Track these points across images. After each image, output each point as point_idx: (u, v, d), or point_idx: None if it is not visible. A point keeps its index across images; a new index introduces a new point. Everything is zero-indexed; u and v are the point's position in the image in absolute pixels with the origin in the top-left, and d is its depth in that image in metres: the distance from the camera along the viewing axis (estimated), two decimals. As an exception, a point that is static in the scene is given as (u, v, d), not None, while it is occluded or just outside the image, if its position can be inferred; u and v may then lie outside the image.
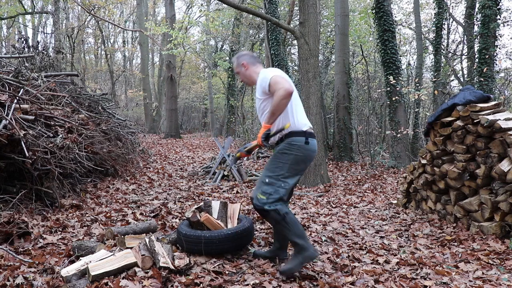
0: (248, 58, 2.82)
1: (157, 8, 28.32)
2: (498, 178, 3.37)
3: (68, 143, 4.54)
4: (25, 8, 16.82)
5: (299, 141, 2.54)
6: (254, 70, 2.78)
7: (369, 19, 15.28)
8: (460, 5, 16.92)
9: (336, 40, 10.15)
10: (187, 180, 6.78)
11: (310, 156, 2.60)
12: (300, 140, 2.54)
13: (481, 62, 8.55)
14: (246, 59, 2.81)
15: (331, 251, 3.17)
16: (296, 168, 2.56)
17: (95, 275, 2.38)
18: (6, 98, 3.98)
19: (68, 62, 14.38)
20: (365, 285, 2.50)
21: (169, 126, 18.36)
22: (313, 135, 2.62)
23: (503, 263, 2.86)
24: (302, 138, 2.55)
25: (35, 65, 6.73)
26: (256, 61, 2.82)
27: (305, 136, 2.56)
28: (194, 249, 2.82)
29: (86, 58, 24.24)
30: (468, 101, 3.73)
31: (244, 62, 2.80)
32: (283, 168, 2.53)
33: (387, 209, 4.74)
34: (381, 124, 12.01)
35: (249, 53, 2.89)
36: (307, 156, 2.57)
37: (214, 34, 18.28)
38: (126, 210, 4.39)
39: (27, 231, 3.18)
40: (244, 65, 2.80)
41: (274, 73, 2.53)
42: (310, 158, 2.61)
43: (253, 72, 2.78)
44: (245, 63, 2.80)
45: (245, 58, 2.82)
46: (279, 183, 2.51)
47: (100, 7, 15.27)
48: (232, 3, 6.83)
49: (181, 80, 25.59)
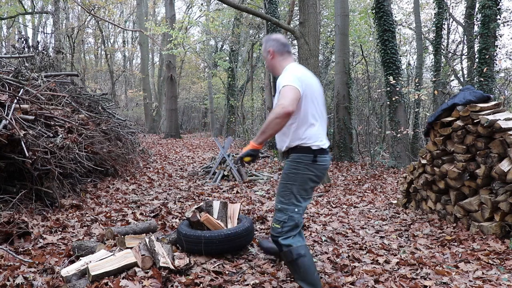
0: (277, 45, 2.39)
1: (157, 8, 28.32)
2: (498, 178, 3.37)
3: (68, 143, 4.54)
4: (25, 8, 16.82)
5: (306, 159, 2.23)
6: (280, 63, 2.38)
7: (369, 19, 15.28)
8: (460, 5, 16.93)
9: (336, 40, 10.15)
10: (187, 180, 6.78)
11: (320, 175, 2.29)
12: (307, 158, 2.23)
13: (481, 62, 8.55)
14: (274, 46, 2.38)
15: (331, 251, 3.17)
16: (306, 188, 2.26)
17: (95, 275, 2.39)
18: (6, 98, 3.98)
19: (68, 62, 14.38)
20: (365, 285, 2.50)
21: (169, 126, 18.36)
22: (325, 151, 2.28)
23: (503, 263, 2.86)
24: (309, 155, 2.22)
25: (35, 65, 6.73)
26: (284, 50, 2.39)
27: (313, 153, 2.23)
28: (194, 249, 2.82)
29: (86, 58, 24.25)
30: (468, 101, 3.73)
31: (271, 50, 2.38)
32: (293, 190, 2.23)
33: (387, 209, 4.74)
34: (381, 124, 12.01)
35: (280, 39, 2.41)
36: (316, 174, 2.26)
37: (214, 34, 18.28)
38: (126, 210, 4.39)
39: (27, 231, 3.18)
40: (271, 52, 2.39)
41: (289, 80, 2.14)
42: (320, 178, 2.30)
43: (278, 63, 2.39)
44: (272, 51, 2.38)
45: (273, 44, 2.39)
46: (292, 208, 2.21)
47: (100, 7, 15.28)
48: (232, 3, 6.83)
49: (181, 80, 25.59)
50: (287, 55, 2.40)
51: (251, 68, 17.21)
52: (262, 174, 7.34)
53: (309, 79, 2.28)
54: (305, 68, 2.38)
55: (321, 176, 2.31)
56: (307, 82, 2.23)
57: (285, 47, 2.41)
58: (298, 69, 2.29)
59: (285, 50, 2.40)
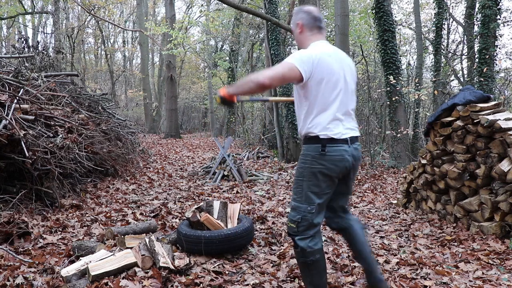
0: (307, 18, 2.15)
1: (157, 8, 28.33)
2: (498, 178, 3.37)
3: (68, 143, 4.54)
4: (25, 8, 16.82)
5: (313, 150, 2.02)
6: (308, 38, 2.16)
7: (369, 19, 15.28)
8: (460, 5, 16.93)
9: (336, 40, 10.14)
10: (187, 180, 6.78)
11: (333, 168, 2.02)
12: (314, 149, 2.01)
13: (481, 62, 8.55)
14: (304, 20, 2.16)
15: (331, 251, 3.17)
16: (318, 185, 2.02)
17: (95, 275, 2.39)
18: (6, 98, 3.98)
19: (68, 62, 14.38)
20: (365, 285, 2.50)
21: (169, 126, 18.36)
22: (337, 140, 2.01)
23: (503, 263, 2.86)
24: (316, 145, 2.00)
25: (35, 65, 6.73)
26: (315, 25, 2.15)
27: (321, 143, 1.99)
28: (194, 249, 2.82)
29: (86, 58, 24.25)
30: (468, 101, 3.73)
31: (300, 23, 2.16)
32: (303, 187, 2.04)
33: (387, 209, 4.74)
34: (381, 124, 12.01)
35: (312, 11, 2.17)
36: (328, 167, 2.00)
37: (214, 34, 18.29)
38: (126, 210, 4.39)
39: (27, 231, 3.18)
40: (299, 26, 2.17)
41: (294, 58, 1.97)
42: (334, 171, 2.03)
43: (306, 39, 2.17)
44: (301, 24, 2.16)
45: (303, 17, 2.16)
46: (304, 207, 2.03)
47: (100, 7, 15.28)
48: (232, 3, 6.83)
49: (181, 80, 25.60)
50: (317, 31, 2.16)
51: (251, 68, 17.22)
52: (262, 174, 7.34)
53: (331, 62, 2.02)
54: (335, 49, 2.14)
55: (336, 169, 2.02)
56: (325, 64, 1.99)
57: (316, 22, 2.16)
58: (319, 48, 2.05)
59: (316, 25, 2.16)
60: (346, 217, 2.32)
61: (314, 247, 2.05)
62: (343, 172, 2.08)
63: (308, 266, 2.08)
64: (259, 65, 17.89)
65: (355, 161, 2.11)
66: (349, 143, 2.05)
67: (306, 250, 2.04)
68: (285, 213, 4.41)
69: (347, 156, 2.03)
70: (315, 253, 2.05)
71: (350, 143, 2.05)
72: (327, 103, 2.02)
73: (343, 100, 2.07)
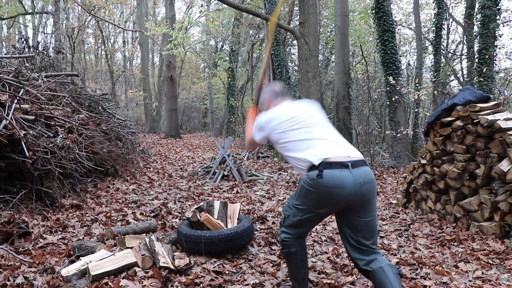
0: (270, 94, 2.47)
1: (157, 8, 28.33)
2: (497, 178, 3.38)
3: (68, 143, 4.54)
4: (26, 8, 16.82)
5: (311, 175, 1.98)
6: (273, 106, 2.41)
7: (369, 19, 15.29)
8: (460, 5, 16.93)
9: (336, 40, 10.16)
10: (187, 180, 6.78)
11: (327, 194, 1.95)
12: (312, 174, 1.98)
13: (481, 62, 8.56)
14: (267, 95, 2.48)
15: (331, 251, 3.17)
16: (308, 204, 2.04)
17: (95, 275, 2.39)
18: (6, 98, 3.99)
19: (68, 62, 14.38)
20: (365, 285, 2.51)
21: (169, 126, 18.37)
22: (332, 164, 1.94)
23: (502, 263, 2.87)
24: (313, 172, 1.97)
25: (36, 65, 6.73)
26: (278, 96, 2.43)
27: (317, 169, 1.95)
28: (194, 249, 2.83)
29: (86, 58, 24.26)
30: (468, 101, 3.73)
31: (266, 99, 2.49)
32: (296, 197, 2.13)
33: (387, 209, 4.74)
34: (381, 124, 12.02)
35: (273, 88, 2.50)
36: (322, 193, 1.95)
37: (214, 34, 18.28)
38: (126, 210, 4.39)
39: (27, 231, 3.18)
40: (266, 103, 2.49)
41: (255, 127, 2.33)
42: (328, 197, 1.96)
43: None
44: (267, 100, 2.48)
45: (267, 95, 2.49)
46: (292, 211, 2.13)
47: (100, 7, 15.28)
48: (232, 3, 6.84)
49: (181, 80, 25.60)
50: (280, 99, 2.42)
51: (251, 68, 17.22)
52: (262, 174, 7.34)
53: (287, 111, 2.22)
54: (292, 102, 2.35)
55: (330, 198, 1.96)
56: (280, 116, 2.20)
57: (278, 94, 2.44)
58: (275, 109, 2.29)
59: (278, 96, 2.44)
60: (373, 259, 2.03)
61: (291, 241, 2.15)
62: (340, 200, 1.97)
63: (285, 257, 2.25)
64: (259, 65, 17.89)
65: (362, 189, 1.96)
66: (351, 167, 1.94)
67: (284, 241, 2.17)
68: (285, 213, 4.41)
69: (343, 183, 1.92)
70: (291, 246, 2.15)
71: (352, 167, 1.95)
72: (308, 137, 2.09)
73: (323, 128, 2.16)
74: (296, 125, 2.15)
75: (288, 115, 2.21)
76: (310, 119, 2.18)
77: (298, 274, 2.24)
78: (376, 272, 1.97)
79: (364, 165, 2.01)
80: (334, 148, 2.03)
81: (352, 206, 2.00)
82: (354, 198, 1.95)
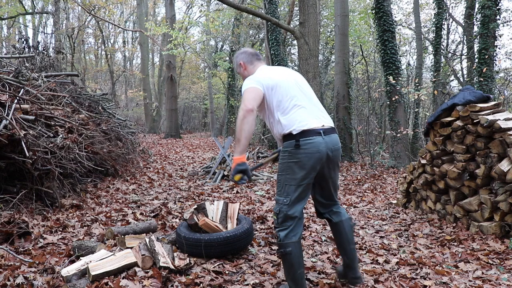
0: (245, 56, 2.54)
1: (157, 8, 28.34)
2: (497, 178, 3.38)
3: (68, 143, 4.54)
4: (26, 8, 16.83)
5: (288, 145, 2.20)
6: (251, 70, 2.50)
7: (369, 19, 15.30)
8: (460, 5, 16.94)
9: (336, 40, 10.16)
10: (187, 180, 6.79)
11: (307, 162, 2.15)
12: (290, 145, 2.19)
13: (481, 62, 8.56)
14: (243, 58, 2.54)
15: (331, 251, 3.17)
16: (293, 178, 2.18)
17: (95, 275, 2.39)
18: (6, 98, 3.99)
19: (68, 62, 14.39)
20: (365, 285, 2.51)
21: (169, 126, 18.37)
22: (308, 132, 2.17)
23: (502, 263, 2.87)
24: (291, 141, 2.18)
25: (36, 65, 6.73)
26: (254, 59, 2.53)
27: (294, 138, 2.16)
28: (194, 252, 2.82)
29: (86, 58, 24.27)
30: (468, 101, 3.73)
31: (241, 62, 2.54)
32: (280, 180, 2.23)
33: (387, 209, 4.74)
34: (381, 124, 12.02)
35: (247, 51, 2.59)
36: (302, 161, 2.15)
37: (214, 34, 18.30)
38: (126, 210, 4.39)
39: (27, 231, 3.18)
40: (242, 65, 2.54)
41: (247, 84, 2.27)
42: (309, 165, 2.16)
43: (249, 72, 2.51)
44: (242, 63, 2.54)
45: (241, 57, 2.56)
46: (281, 199, 2.22)
47: (100, 7, 15.29)
48: (232, 3, 6.84)
49: (181, 80, 25.60)
50: (257, 62, 2.53)
51: (251, 68, 17.19)
52: (262, 174, 7.34)
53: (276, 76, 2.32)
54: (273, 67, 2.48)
55: (310, 163, 2.16)
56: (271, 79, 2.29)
57: (253, 56, 2.55)
58: (261, 71, 2.40)
59: (254, 59, 2.54)
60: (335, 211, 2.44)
61: (287, 240, 2.19)
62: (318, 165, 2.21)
63: (282, 257, 2.25)
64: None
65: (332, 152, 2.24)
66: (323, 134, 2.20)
67: (281, 241, 2.20)
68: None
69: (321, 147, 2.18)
70: (287, 246, 2.19)
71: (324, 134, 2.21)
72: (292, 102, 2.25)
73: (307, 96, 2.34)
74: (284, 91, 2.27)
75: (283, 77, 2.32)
76: (295, 86, 2.33)
77: (295, 274, 2.22)
78: (336, 224, 2.42)
79: (334, 132, 2.30)
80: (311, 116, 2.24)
81: (323, 169, 2.27)
82: (327, 161, 2.23)
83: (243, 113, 2.13)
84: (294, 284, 2.23)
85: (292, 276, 2.23)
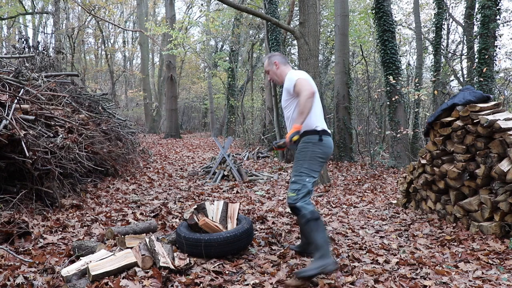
0: (280, 58, 3.06)
1: (157, 8, 28.32)
2: (497, 178, 3.38)
3: (68, 143, 4.54)
4: (26, 8, 16.83)
5: (313, 138, 2.77)
6: (284, 70, 3.01)
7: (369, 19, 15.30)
8: (460, 5, 16.93)
9: (336, 40, 10.16)
10: (187, 180, 6.79)
11: (326, 152, 2.81)
12: (314, 138, 2.77)
13: (481, 62, 8.56)
14: (278, 59, 3.04)
15: (331, 251, 3.17)
16: (315, 163, 2.76)
17: (95, 275, 2.39)
18: (6, 98, 3.99)
19: (68, 62, 14.39)
20: (365, 285, 2.51)
21: (169, 126, 18.37)
22: (327, 132, 2.84)
23: (502, 263, 2.87)
24: (315, 136, 2.77)
25: (36, 65, 6.73)
26: (286, 62, 3.06)
27: (318, 134, 2.78)
28: (193, 252, 2.82)
29: (86, 58, 24.27)
30: (468, 101, 3.74)
31: (276, 61, 3.03)
32: (304, 164, 2.74)
33: (387, 209, 4.74)
34: (381, 124, 12.02)
35: (281, 54, 3.13)
36: (323, 152, 2.79)
37: (214, 34, 18.30)
38: (126, 210, 4.39)
39: (27, 231, 3.18)
40: (276, 64, 3.02)
41: (299, 75, 2.78)
42: (326, 155, 2.82)
43: (283, 71, 3.01)
44: (277, 62, 3.03)
45: (277, 57, 3.06)
46: (303, 178, 2.71)
47: (100, 7, 15.29)
48: (232, 3, 6.84)
49: (181, 80, 25.61)
50: (288, 65, 3.07)
51: (251, 68, 17.21)
52: (262, 174, 7.34)
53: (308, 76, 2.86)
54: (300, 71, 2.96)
55: (327, 153, 2.83)
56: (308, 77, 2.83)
57: (286, 59, 3.11)
58: (298, 71, 2.88)
59: (286, 61, 3.08)
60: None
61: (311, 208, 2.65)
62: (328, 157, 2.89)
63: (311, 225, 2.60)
64: (259, 65, 17.88)
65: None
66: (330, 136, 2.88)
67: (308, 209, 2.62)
68: (285, 213, 4.41)
69: (332, 145, 2.86)
70: (314, 213, 2.63)
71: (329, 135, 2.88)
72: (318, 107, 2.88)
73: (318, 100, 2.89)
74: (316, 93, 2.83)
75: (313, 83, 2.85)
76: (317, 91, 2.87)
77: (324, 236, 2.59)
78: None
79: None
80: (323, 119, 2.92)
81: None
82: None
83: (309, 93, 2.65)
84: (326, 244, 2.54)
85: (324, 238, 2.57)
